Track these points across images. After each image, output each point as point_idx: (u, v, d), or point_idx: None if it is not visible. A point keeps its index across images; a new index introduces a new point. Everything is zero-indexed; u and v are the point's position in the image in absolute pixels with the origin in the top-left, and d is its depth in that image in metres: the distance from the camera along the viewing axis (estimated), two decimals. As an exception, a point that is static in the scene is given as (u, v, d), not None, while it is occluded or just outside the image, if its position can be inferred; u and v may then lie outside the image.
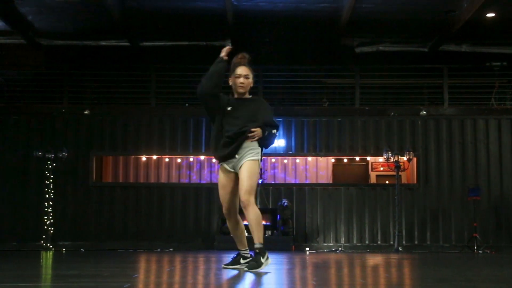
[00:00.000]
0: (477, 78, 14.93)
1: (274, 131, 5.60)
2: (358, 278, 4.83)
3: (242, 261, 5.69)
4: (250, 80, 5.63)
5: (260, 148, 5.55)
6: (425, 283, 4.37)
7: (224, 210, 5.66)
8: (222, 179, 5.60)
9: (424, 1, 13.21)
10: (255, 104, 5.65)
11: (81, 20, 14.39)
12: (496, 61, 15.08)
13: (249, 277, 4.74)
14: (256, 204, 14.34)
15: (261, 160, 5.59)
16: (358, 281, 4.54)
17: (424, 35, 15.07)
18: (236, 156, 5.47)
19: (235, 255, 5.82)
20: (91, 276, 4.68)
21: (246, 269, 5.35)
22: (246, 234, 5.78)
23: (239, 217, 5.67)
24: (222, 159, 5.54)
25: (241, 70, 5.58)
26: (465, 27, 13.88)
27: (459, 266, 6.86)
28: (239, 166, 5.45)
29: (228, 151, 5.47)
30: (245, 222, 5.65)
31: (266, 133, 5.49)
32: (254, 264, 5.29)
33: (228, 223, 5.73)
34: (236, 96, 5.66)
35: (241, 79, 5.57)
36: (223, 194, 5.60)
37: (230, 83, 5.67)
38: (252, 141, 5.46)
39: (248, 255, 5.67)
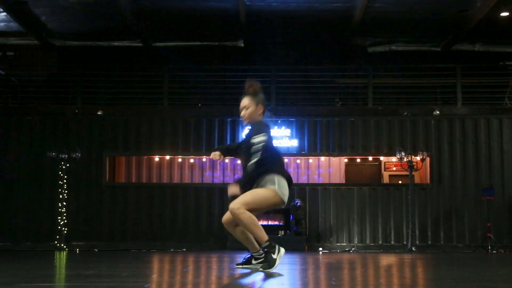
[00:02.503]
0: (491, 78, 14.86)
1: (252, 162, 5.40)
2: (377, 279, 4.81)
3: (253, 261, 5.70)
4: (250, 110, 5.62)
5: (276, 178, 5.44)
6: (444, 283, 4.35)
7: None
8: None
9: (437, 0, 13.16)
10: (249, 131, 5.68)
11: (94, 21, 14.46)
12: (510, 60, 15.01)
13: (266, 278, 4.74)
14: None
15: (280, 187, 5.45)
16: (377, 281, 4.53)
17: (437, 35, 15.03)
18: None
19: (248, 255, 5.81)
20: (110, 276, 4.70)
21: (261, 269, 5.34)
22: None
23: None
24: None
25: (242, 102, 5.67)
26: (479, 26, 13.84)
27: (476, 266, 6.82)
28: None
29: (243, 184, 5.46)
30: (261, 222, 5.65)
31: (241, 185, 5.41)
32: (266, 265, 5.28)
33: (234, 234, 5.72)
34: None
35: (241, 112, 5.67)
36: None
37: None
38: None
39: (261, 256, 5.66)
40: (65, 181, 13.52)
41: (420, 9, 13.52)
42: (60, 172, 13.48)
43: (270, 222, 13.78)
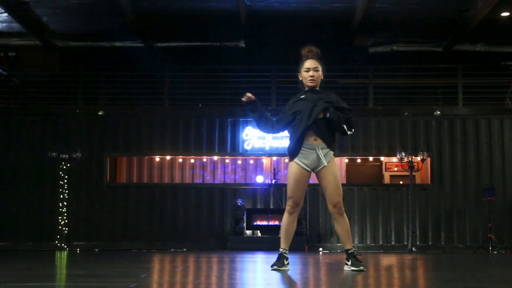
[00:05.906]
0: (492, 78, 14.83)
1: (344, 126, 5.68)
2: (377, 280, 4.80)
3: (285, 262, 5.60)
4: (320, 72, 5.50)
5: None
6: (443, 284, 4.34)
7: (293, 204, 5.59)
8: (298, 175, 5.48)
9: (438, 1, 13.13)
10: (326, 93, 5.56)
11: (96, 21, 14.46)
12: (511, 61, 14.96)
13: (267, 277, 4.73)
14: (270, 205, 14.31)
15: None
16: (377, 282, 4.52)
17: (438, 35, 14.99)
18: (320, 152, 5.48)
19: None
20: (100, 276, 4.68)
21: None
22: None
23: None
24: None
25: (310, 63, 5.46)
26: (480, 27, 13.79)
27: (473, 267, 6.81)
28: (321, 168, 5.44)
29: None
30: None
31: (327, 115, 5.45)
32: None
33: (288, 218, 5.68)
34: (306, 89, 5.55)
35: (311, 73, 5.46)
36: (297, 189, 5.50)
37: (300, 78, 5.56)
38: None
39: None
40: (65, 181, 13.54)
41: (421, 9, 13.49)
42: (60, 172, 13.50)
43: (270, 222, 13.75)
